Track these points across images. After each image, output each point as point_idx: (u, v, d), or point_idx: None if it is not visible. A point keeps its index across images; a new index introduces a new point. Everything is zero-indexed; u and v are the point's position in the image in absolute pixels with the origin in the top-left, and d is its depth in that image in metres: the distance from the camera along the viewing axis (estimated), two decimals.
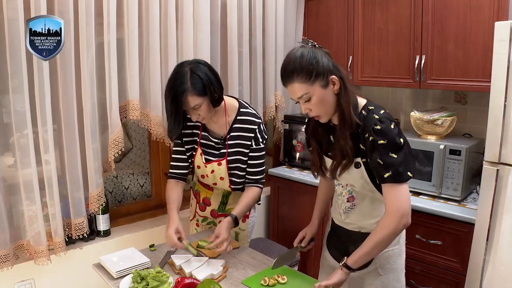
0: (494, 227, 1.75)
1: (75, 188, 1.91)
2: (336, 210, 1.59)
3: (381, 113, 1.35)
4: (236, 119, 1.80)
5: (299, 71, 1.31)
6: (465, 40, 2.09)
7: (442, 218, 2.04)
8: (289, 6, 2.70)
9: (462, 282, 1.95)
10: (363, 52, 2.54)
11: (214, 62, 2.33)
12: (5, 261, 1.74)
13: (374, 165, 1.35)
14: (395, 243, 1.50)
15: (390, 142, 1.31)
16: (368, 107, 1.39)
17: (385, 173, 1.32)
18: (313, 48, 1.35)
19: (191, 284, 1.40)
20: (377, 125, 1.32)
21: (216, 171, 1.84)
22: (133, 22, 1.94)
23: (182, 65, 1.67)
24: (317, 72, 1.31)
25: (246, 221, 2.00)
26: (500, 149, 1.71)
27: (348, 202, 1.50)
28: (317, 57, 1.32)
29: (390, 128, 1.32)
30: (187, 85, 1.61)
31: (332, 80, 1.34)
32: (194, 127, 1.85)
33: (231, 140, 1.81)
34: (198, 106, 1.65)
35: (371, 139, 1.33)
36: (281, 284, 1.47)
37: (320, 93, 1.33)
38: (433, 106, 2.54)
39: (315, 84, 1.32)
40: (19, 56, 1.64)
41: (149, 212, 2.44)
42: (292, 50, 1.37)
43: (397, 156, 1.31)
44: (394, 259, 1.51)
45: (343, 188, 1.51)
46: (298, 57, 1.32)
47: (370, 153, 1.34)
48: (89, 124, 1.89)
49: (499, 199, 1.73)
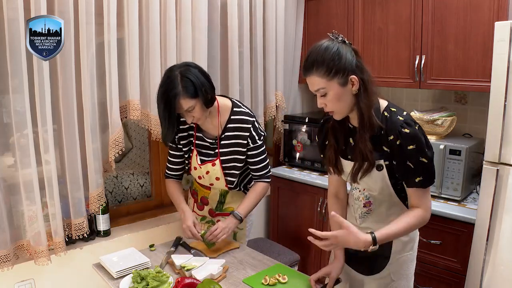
0: (494, 227, 1.75)
1: (75, 188, 1.91)
2: (351, 215, 1.56)
3: (404, 115, 1.33)
4: (230, 119, 1.81)
5: (319, 64, 1.27)
6: (465, 40, 2.09)
7: (442, 218, 2.04)
8: (289, 6, 2.70)
9: (462, 282, 1.95)
10: (363, 52, 2.53)
11: (214, 62, 2.33)
12: (5, 261, 1.74)
13: (402, 169, 1.33)
14: (410, 249, 1.49)
15: (420, 147, 1.29)
16: (390, 109, 1.36)
17: (416, 177, 1.32)
18: (341, 43, 1.30)
19: (191, 284, 1.41)
20: (405, 128, 1.29)
21: (211, 171, 1.85)
22: (133, 22, 1.94)
23: (172, 70, 1.66)
24: (338, 68, 1.27)
25: (245, 220, 2.00)
26: (500, 149, 1.71)
27: (364, 207, 1.48)
28: (341, 53, 1.28)
29: (418, 132, 1.30)
30: (179, 88, 1.60)
31: (351, 79, 1.30)
32: (190, 128, 1.85)
33: (225, 140, 1.81)
34: (191, 108, 1.65)
35: (399, 143, 1.30)
36: (282, 283, 1.47)
37: (337, 90, 1.30)
38: (433, 106, 2.54)
39: (333, 80, 1.28)
40: (19, 56, 1.64)
41: (149, 212, 2.44)
42: (319, 42, 1.33)
43: (428, 161, 1.31)
44: (407, 265, 1.50)
45: (361, 193, 1.48)
46: (323, 49, 1.28)
47: (398, 157, 1.32)
48: (89, 124, 1.89)
49: (499, 199, 1.73)
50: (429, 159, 1.31)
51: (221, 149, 1.82)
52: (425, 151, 1.30)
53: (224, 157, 1.82)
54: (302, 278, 1.53)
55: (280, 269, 1.57)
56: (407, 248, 1.48)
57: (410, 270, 1.52)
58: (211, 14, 2.25)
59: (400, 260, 1.47)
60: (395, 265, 1.46)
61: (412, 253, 1.51)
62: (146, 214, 2.42)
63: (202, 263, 1.60)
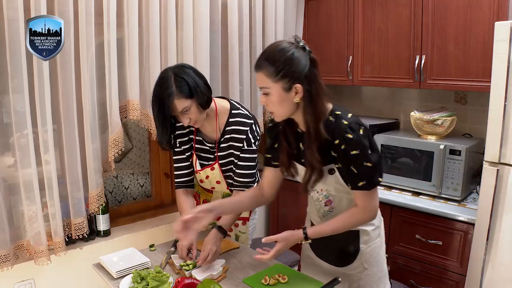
0: (494, 227, 1.75)
1: (75, 188, 1.91)
2: (314, 214, 1.59)
3: (349, 118, 1.33)
4: (229, 122, 1.76)
5: (269, 63, 1.28)
6: (465, 40, 2.09)
7: (442, 218, 2.04)
8: (289, 6, 2.70)
9: (462, 282, 1.95)
10: (363, 52, 2.54)
11: (214, 62, 2.33)
12: (5, 261, 1.74)
13: (347, 173, 1.35)
14: (376, 237, 1.53)
15: (363, 152, 1.30)
16: (335, 112, 1.35)
17: (359, 182, 1.34)
18: (300, 49, 1.28)
19: (191, 284, 1.40)
20: (348, 133, 1.29)
21: (211, 176, 1.83)
22: (133, 21, 1.94)
23: (166, 71, 1.64)
24: (285, 73, 1.26)
25: (247, 224, 1.99)
26: (500, 149, 1.71)
27: (326, 206, 1.51)
28: (295, 59, 1.26)
29: (361, 136, 1.30)
30: (172, 89, 1.56)
31: (295, 88, 1.28)
32: (190, 133, 1.82)
33: (223, 143, 1.77)
34: (186, 109, 1.60)
35: (343, 148, 1.31)
36: (282, 283, 1.47)
37: (280, 94, 1.29)
38: (433, 106, 2.54)
39: (278, 83, 1.28)
40: (19, 56, 1.63)
41: (149, 212, 2.44)
42: (279, 41, 1.34)
43: (371, 165, 1.31)
44: (377, 251, 1.53)
45: (319, 194, 1.50)
46: (278, 50, 1.28)
47: (343, 162, 1.34)
48: (89, 124, 1.89)
49: (499, 199, 1.73)
50: (373, 162, 1.31)
51: (220, 153, 1.79)
52: (368, 155, 1.30)
53: (223, 160, 1.80)
54: (302, 278, 1.53)
55: (280, 269, 1.57)
56: (374, 236, 1.52)
57: (381, 256, 1.56)
58: (212, 14, 2.25)
59: (369, 248, 1.51)
60: (365, 254, 1.50)
61: (380, 239, 1.55)
62: (146, 214, 2.42)
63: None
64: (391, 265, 2.27)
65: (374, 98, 2.92)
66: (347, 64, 2.60)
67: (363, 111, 2.96)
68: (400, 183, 2.35)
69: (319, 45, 2.76)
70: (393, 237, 2.25)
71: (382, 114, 2.85)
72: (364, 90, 2.97)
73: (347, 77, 2.63)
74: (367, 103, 2.95)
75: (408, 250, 2.20)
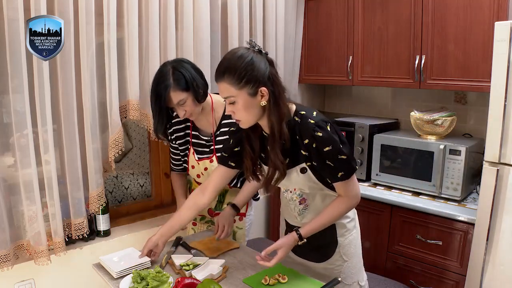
0: (494, 227, 1.75)
1: (75, 188, 1.91)
2: (289, 213, 1.61)
3: (315, 116, 1.35)
4: (224, 115, 1.83)
5: (231, 71, 1.27)
6: (465, 40, 2.09)
7: (442, 218, 2.04)
8: (289, 6, 2.70)
9: (462, 282, 1.95)
10: (363, 52, 2.54)
11: (214, 62, 2.33)
12: (5, 261, 1.74)
13: (324, 168, 1.37)
14: (353, 228, 1.56)
15: (336, 147, 1.33)
16: (300, 112, 1.37)
17: (338, 173, 1.37)
18: (257, 53, 1.30)
19: (191, 284, 1.40)
20: (317, 131, 1.32)
21: (209, 168, 1.87)
22: (133, 22, 1.94)
23: (165, 64, 1.72)
24: (249, 78, 1.27)
25: (244, 219, 2.02)
26: (500, 149, 1.71)
27: (300, 205, 1.53)
28: (255, 63, 1.28)
29: (330, 133, 1.33)
30: (170, 81, 1.64)
31: (261, 91, 1.30)
32: (186, 128, 1.88)
33: (220, 136, 1.84)
34: (182, 102, 1.68)
35: (315, 146, 1.33)
36: (282, 283, 1.47)
37: (246, 100, 1.30)
38: (433, 106, 2.54)
39: (243, 90, 1.28)
40: (19, 56, 1.63)
41: (149, 212, 2.44)
42: (235, 48, 1.36)
43: (346, 157, 1.35)
44: (354, 243, 1.57)
45: (292, 193, 1.53)
46: (236, 57, 1.28)
47: (318, 159, 1.36)
48: (89, 124, 1.89)
49: (499, 199, 1.73)
50: (347, 154, 1.36)
51: (217, 145, 1.84)
52: (341, 149, 1.35)
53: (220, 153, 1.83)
54: (302, 278, 1.53)
55: (280, 269, 1.57)
56: (350, 228, 1.55)
57: (358, 248, 1.60)
58: (212, 13, 2.25)
59: (347, 240, 1.54)
60: (344, 246, 1.54)
61: (356, 231, 1.59)
62: (146, 214, 2.42)
63: (202, 263, 1.59)
64: (391, 265, 2.27)
65: (374, 98, 2.92)
66: (347, 64, 2.60)
67: (363, 111, 2.96)
68: (400, 183, 2.35)
69: (319, 45, 2.76)
70: (393, 237, 2.25)
71: (382, 114, 2.85)
72: (364, 90, 2.97)
73: (347, 77, 2.63)
74: (367, 103, 2.95)
75: (408, 250, 2.20)
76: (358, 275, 1.60)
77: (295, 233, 1.44)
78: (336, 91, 3.16)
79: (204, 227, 2.07)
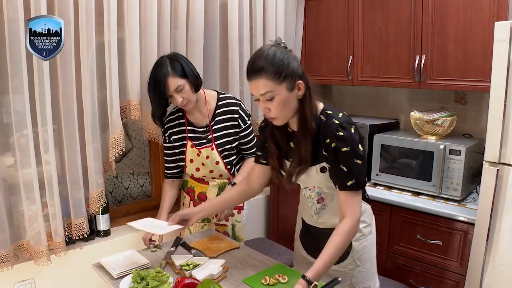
0: (494, 227, 1.75)
1: (75, 188, 1.91)
2: (306, 212, 1.60)
3: (340, 117, 1.35)
4: (218, 105, 1.94)
5: (269, 67, 1.28)
6: (465, 40, 2.09)
7: (442, 218, 2.04)
8: (289, 6, 2.70)
9: (462, 282, 1.95)
10: (363, 52, 2.54)
11: (214, 62, 2.33)
12: (5, 261, 1.74)
13: (336, 172, 1.36)
14: (369, 233, 1.55)
15: (353, 149, 1.32)
16: (326, 112, 1.38)
17: (348, 180, 1.34)
18: (285, 49, 1.33)
19: (191, 284, 1.40)
20: (339, 131, 1.32)
21: (211, 156, 1.93)
22: (133, 21, 1.94)
23: (162, 57, 1.84)
24: (287, 73, 1.29)
25: (242, 213, 2.09)
26: (500, 149, 1.71)
27: (318, 203, 1.52)
28: (289, 59, 1.31)
29: (352, 134, 1.32)
30: (168, 68, 1.76)
31: (298, 85, 1.32)
32: (180, 124, 1.96)
33: (216, 125, 1.94)
34: (180, 87, 1.77)
35: (333, 146, 1.32)
36: (282, 283, 1.47)
37: (285, 95, 1.31)
38: (433, 106, 2.54)
39: (282, 84, 1.29)
40: (19, 56, 1.63)
41: (149, 212, 2.43)
42: (263, 46, 1.36)
43: (361, 163, 1.33)
44: (369, 248, 1.56)
45: (311, 191, 1.51)
46: (271, 54, 1.30)
47: (333, 161, 1.35)
48: (89, 124, 1.89)
49: (499, 199, 1.73)
50: (362, 161, 1.34)
51: (214, 134, 1.92)
52: (359, 153, 1.32)
53: (219, 141, 1.93)
54: None
55: (280, 269, 1.57)
56: (366, 233, 1.54)
57: (372, 253, 1.58)
58: (211, 13, 2.25)
59: (361, 245, 1.53)
60: (358, 251, 1.52)
61: (372, 237, 1.57)
62: (146, 214, 2.39)
63: (202, 263, 1.59)
64: (391, 265, 2.27)
65: (374, 98, 2.92)
66: (347, 64, 2.60)
67: (363, 111, 2.96)
68: (400, 183, 2.35)
69: (319, 45, 2.76)
70: (393, 237, 2.25)
71: (382, 114, 2.85)
72: (364, 90, 2.97)
73: (347, 77, 2.63)
74: (367, 103, 2.95)
75: (408, 250, 2.20)
76: (371, 281, 1.58)
77: (302, 280, 1.28)
78: (336, 91, 3.16)
79: (200, 226, 2.08)
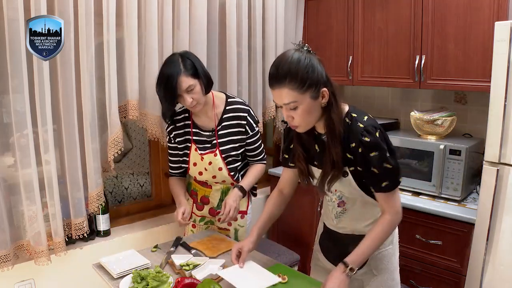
0: (494, 227, 1.75)
1: (75, 188, 1.91)
2: (327, 215, 1.58)
3: (365, 121, 1.33)
4: (226, 110, 1.87)
5: (293, 76, 1.23)
6: (465, 40, 2.09)
7: (442, 218, 2.04)
8: (289, 6, 2.70)
9: (462, 282, 1.95)
10: (363, 52, 2.54)
11: (212, 62, 2.33)
12: (5, 261, 1.74)
13: (368, 175, 1.34)
14: (388, 244, 1.51)
15: (382, 153, 1.30)
16: (351, 114, 1.35)
17: (382, 182, 1.33)
18: (309, 54, 1.27)
19: (191, 284, 1.40)
20: (365, 136, 1.29)
21: (214, 162, 1.87)
22: (132, 22, 1.94)
23: (173, 54, 1.79)
24: (311, 82, 1.24)
25: (245, 217, 2.03)
26: (500, 149, 1.71)
27: (339, 207, 1.50)
28: (314, 65, 1.25)
29: (378, 138, 1.30)
30: (180, 67, 1.70)
31: (322, 93, 1.28)
32: (185, 126, 1.90)
33: (222, 130, 1.87)
34: (192, 87, 1.71)
35: (361, 151, 1.31)
36: (282, 283, 1.47)
37: (309, 104, 1.27)
38: (433, 106, 2.54)
39: (306, 93, 1.25)
40: (19, 56, 1.63)
41: (149, 212, 2.44)
42: (287, 52, 1.28)
43: (392, 165, 1.32)
44: (387, 259, 1.52)
45: (333, 194, 1.49)
46: (295, 61, 1.24)
47: (362, 164, 1.33)
48: (88, 124, 1.89)
49: (499, 199, 1.73)
50: (393, 164, 1.32)
51: (220, 139, 1.86)
52: (387, 157, 1.31)
53: (223, 146, 1.87)
54: (302, 278, 1.53)
55: (280, 269, 1.57)
56: (386, 243, 1.50)
57: (393, 264, 1.54)
58: (210, 13, 2.25)
59: (379, 255, 1.49)
60: (375, 260, 1.49)
61: (392, 247, 1.54)
62: (146, 214, 2.42)
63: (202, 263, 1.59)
64: None
65: (374, 98, 2.92)
66: (347, 64, 2.60)
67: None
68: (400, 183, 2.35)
69: (319, 45, 2.76)
70: None
71: (382, 114, 2.85)
72: (364, 90, 2.97)
73: (347, 77, 2.63)
74: (367, 103, 2.95)
75: (408, 250, 2.19)
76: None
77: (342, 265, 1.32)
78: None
79: (203, 228, 2.07)
